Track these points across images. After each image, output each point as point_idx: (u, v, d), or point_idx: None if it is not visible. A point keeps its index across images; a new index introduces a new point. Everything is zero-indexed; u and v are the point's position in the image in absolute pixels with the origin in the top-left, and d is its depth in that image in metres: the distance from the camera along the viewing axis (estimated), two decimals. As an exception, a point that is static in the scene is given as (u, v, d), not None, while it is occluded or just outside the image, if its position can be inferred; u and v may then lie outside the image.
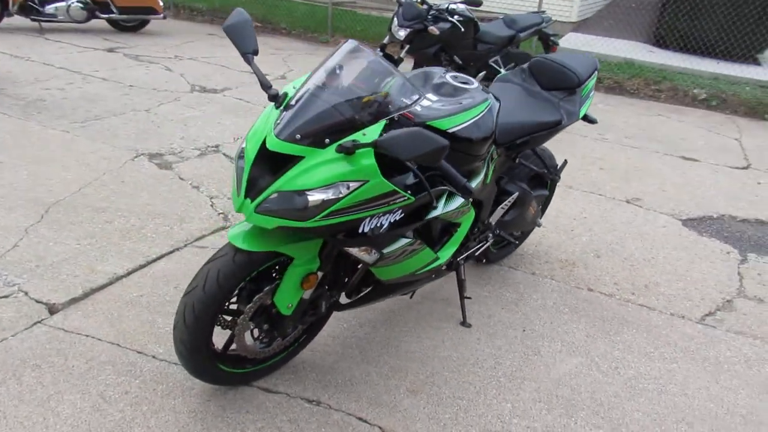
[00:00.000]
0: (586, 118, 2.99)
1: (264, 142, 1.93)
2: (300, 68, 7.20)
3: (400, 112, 2.00)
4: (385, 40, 5.43)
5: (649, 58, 8.69)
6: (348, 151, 1.85)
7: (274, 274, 2.17)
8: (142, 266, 3.06)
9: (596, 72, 3.05)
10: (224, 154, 4.51)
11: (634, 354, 2.76)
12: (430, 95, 2.31)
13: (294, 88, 2.07)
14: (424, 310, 2.94)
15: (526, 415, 2.35)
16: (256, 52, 2.08)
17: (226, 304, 2.09)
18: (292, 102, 1.96)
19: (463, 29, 5.30)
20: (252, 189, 1.92)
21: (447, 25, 5.25)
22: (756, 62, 9.03)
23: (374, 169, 1.88)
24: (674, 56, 8.78)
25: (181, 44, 7.81)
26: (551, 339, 2.82)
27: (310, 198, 1.85)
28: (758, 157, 5.73)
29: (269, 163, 1.94)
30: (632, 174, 4.96)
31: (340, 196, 1.86)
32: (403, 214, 2.07)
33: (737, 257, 3.76)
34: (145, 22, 8.44)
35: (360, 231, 1.99)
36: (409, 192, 1.99)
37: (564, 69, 2.92)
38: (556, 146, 5.24)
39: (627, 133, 6.05)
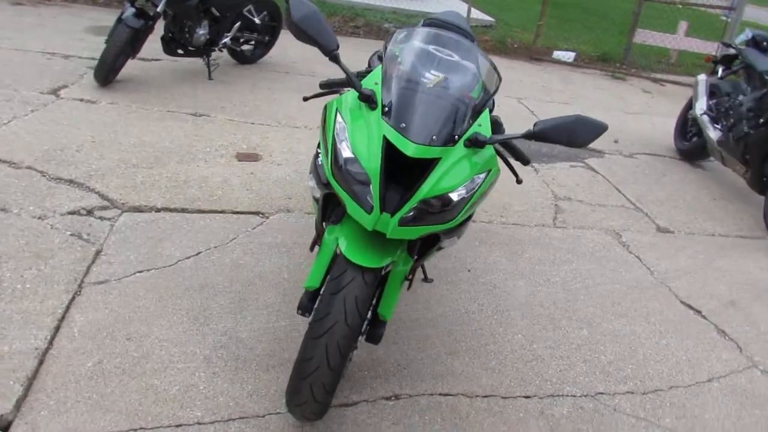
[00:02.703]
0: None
1: (384, 149, 1.81)
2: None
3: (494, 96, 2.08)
4: (136, -8, 4.72)
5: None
6: (480, 145, 1.90)
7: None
8: (57, 327, 2.37)
9: None
10: (-7, 159, 3.48)
11: (547, 264, 3.45)
12: (435, 72, 2.37)
13: (376, 84, 1.94)
14: (386, 278, 3.05)
15: (537, 338, 2.82)
16: (338, 47, 1.87)
17: None
18: (400, 102, 1.86)
19: (223, -22, 4.99)
20: (383, 201, 1.81)
21: (207, -25, 4.87)
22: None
23: (495, 158, 1.98)
24: (353, -8, 9.60)
25: None
26: (491, 271, 3.29)
27: (453, 198, 1.86)
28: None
29: (388, 171, 1.84)
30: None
31: (475, 190, 1.91)
32: None
33: (531, 169, 4.77)
34: None
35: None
36: None
37: (458, 28, 3.22)
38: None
39: (372, 72, 6.64)
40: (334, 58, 1.91)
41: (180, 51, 5.15)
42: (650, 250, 3.83)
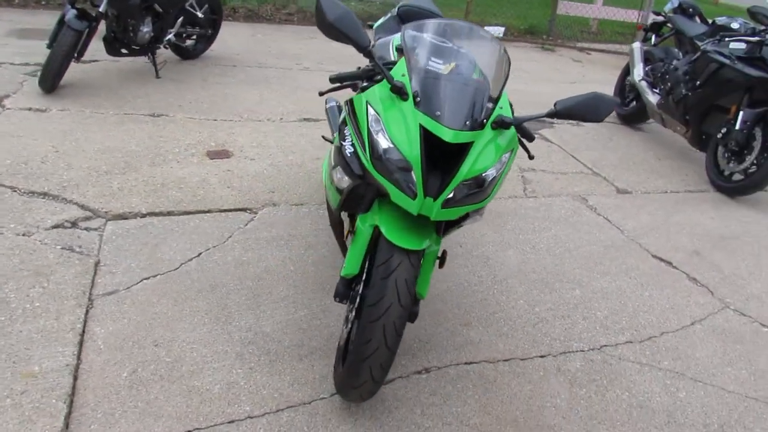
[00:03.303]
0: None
1: (421, 137, 1.91)
2: None
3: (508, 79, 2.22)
4: (75, -7, 4.55)
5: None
6: (506, 126, 2.04)
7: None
8: (81, 342, 2.35)
9: None
10: (-45, 178, 3.34)
11: (529, 233, 3.68)
12: (437, 59, 2.47)
13: (403, 75, 2.03)
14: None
15: (537, 301, 3.03)
16: (370, 43, 1.97)
17: None
18: (429, 91, 1.96)
19: (164, -27, 4.90)
20: (426, 186, 1.92)
21: (149, -30, 4.76)
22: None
23: (516, 137, 2.12)
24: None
25: None
26: (481, 244, 3.48)
27: (487, 178, 1.99)
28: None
29: (427, 157, 1.95)
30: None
31: (502, 169, 2.06)
32: None
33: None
34: None
35: None
36: None
37: (431, 13, 3.35)
38: (282, 79, 5.57)
39: (316, 59, 6.67)
40: (369, 54, 1.99)
41: (124, 51, 5.02)
42: (615, 211, 4.14)
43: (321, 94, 2.40)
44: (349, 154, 2.12)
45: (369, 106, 2.01)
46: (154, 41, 5.17)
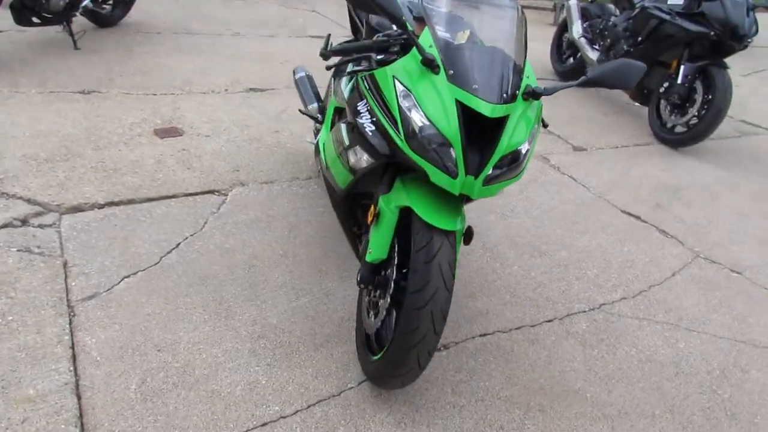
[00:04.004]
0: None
1: (458, 112, 1.82)
2: None
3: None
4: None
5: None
6: (537, 97, 1.98)
7: None
8: (73, 356, 2.13)
9: None
10: None
11: (504, 197, 3.69)
12: (460, 28, 2.33)
13: (431, 47, 1.92)
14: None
15: (530, 266, 3.06)
16: (403, 15, 1.83)
17: None
18: (461, 64, 1.86)
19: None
20: (466, 164, 1.84)
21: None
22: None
23: (541, 107, 2.07)
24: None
25: None
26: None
27: (522, 151, 1.93)
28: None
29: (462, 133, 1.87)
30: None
31: (533, 141, 2.01)
32: None
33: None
34: None
35: None
36: None
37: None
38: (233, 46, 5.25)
39: (245, 24, 6.33)
40: (404, 26, 1.86)
41: (36, 20, 4.52)
42: (577, 169, 4.24)
43: (328, 68, 2.24)
44: (370, 132, 1.99)
45: (396, 80, 1.89)
46: (70, 8, 4.68)
